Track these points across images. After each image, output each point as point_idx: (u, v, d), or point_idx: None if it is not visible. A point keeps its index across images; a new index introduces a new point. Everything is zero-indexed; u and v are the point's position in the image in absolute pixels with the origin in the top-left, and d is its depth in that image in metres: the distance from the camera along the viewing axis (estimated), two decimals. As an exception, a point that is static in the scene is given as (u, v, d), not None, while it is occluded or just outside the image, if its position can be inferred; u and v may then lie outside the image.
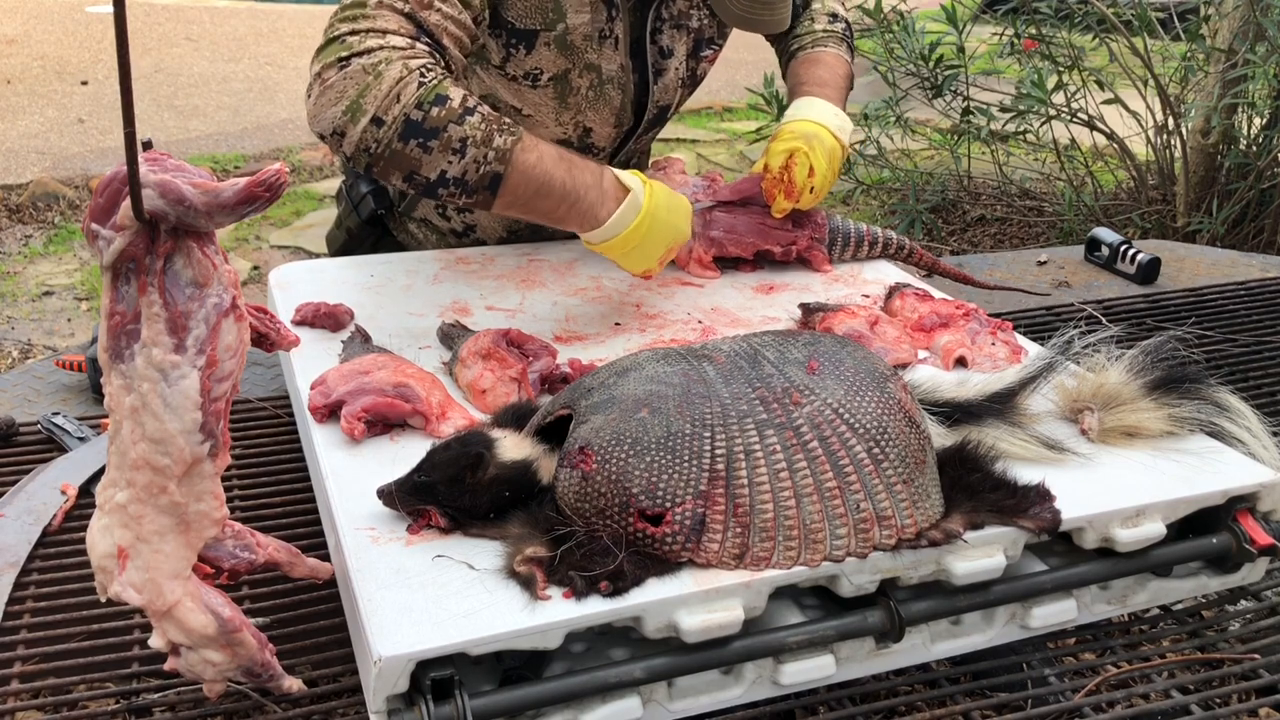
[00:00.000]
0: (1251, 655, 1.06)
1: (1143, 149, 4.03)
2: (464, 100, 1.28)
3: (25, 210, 4.72)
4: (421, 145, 1.26)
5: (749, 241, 1.58)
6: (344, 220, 1.84)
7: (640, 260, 1.39)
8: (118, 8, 0.66)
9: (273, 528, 1.16)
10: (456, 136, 1.26)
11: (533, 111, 1.56)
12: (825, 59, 1.73)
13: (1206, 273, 2.02)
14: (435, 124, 1.26)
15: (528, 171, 1.29)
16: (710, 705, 0.93)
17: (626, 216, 1.33)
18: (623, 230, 1.34)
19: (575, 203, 1.32)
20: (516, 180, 1.29)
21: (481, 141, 1.27)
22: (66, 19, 8.35)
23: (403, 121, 1.25)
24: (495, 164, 1.28)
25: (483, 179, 1.28)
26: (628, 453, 0.90)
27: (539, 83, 1.53)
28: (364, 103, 1.25)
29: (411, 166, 1.28)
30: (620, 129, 1.64)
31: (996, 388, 1.14)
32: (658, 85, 1.63)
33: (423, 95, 1.26)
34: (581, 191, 1.32)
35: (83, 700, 0.97)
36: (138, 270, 0.76)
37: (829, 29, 1.78)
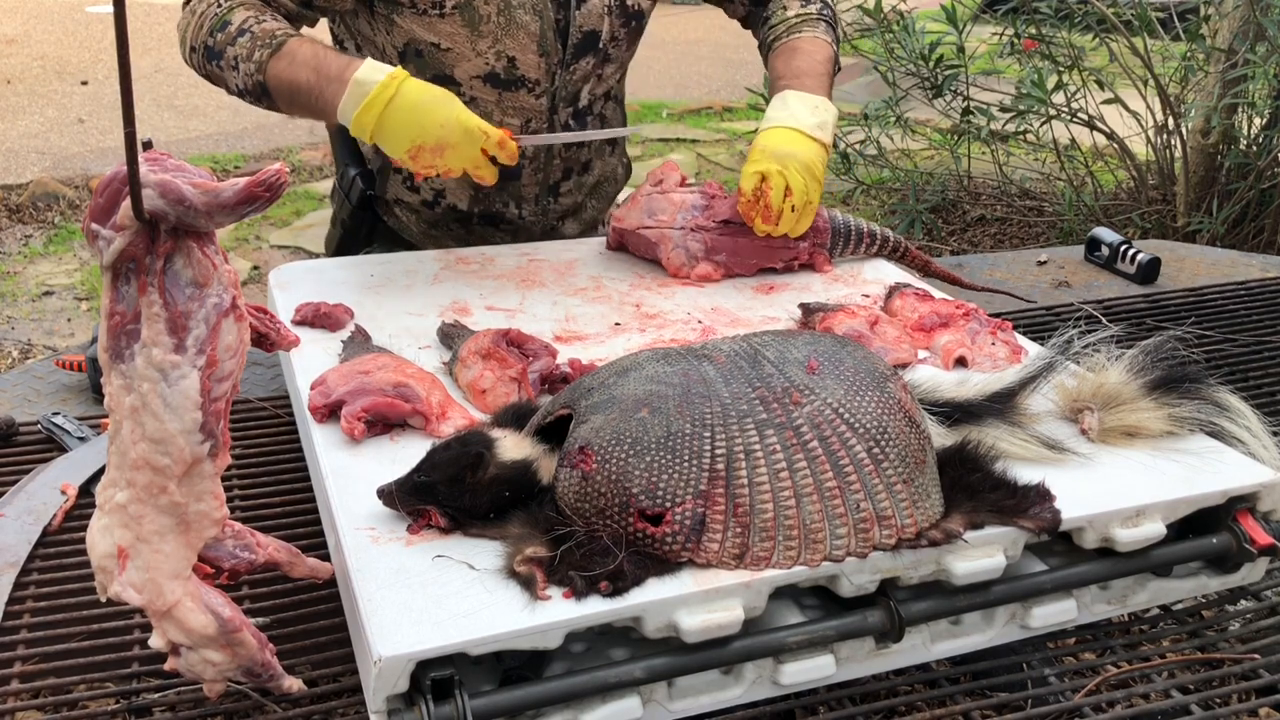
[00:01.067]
0: (1251, 655, 1.06)
1: (1143, 149, 4.03)
2: (241, 24, 1.51)
3: (25, 210, 4.72)
4: (217, 65, 1.54)
5: (752, 262, 1.57)
6: (338, 215, 1.86)
7: (389, 149, 1.47)
8: (118, 8, 0.66)
9: (273, 528, 1.16)
10: (231, 56, 1.52)
11: (450, 45, 1.62)
12: (802, 46, 1.70)
13: (1206, 273, 2.01)
14: (220, 47, 1.52)
15: (280, 75, 1.49)
16: (710, 705, 0.93)
17: (350, 104, 1.45)
18: (349, 117, 1.46)
19: (319, 95, 1.47)
20: (275, 85, 1.50)
21: (246, 57, 1.50)
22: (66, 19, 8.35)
23: (203, 48, 1.54)
24: (257, 75, 1.51)
25: (256, 88, 1.52)
26: (628, 453, 0.90)
27: (445, 11, 1.59)
28: (186, 35, 1.56)
29: (219, 82, 1.56)
30: (548, 59, 1.64)
31: (996, 388, 1.14)
32: (580, 10, 1.64)
33: (213, 24, 1.52)
34: (323, 86, 1.47)
35: (83, 700, 0.97)
36: (138, 270, 0.76)
37: (802, 12, 1.74)
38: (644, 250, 1.59)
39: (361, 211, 1.80)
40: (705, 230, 1.56)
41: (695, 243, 1.55)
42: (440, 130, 1.44)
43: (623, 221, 1.59)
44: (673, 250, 1.55)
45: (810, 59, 1.67)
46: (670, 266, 1.56)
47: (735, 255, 1.56)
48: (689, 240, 1.55)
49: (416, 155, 1.45)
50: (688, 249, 1.55)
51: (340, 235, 1.85)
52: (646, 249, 1.58)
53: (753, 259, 1.57)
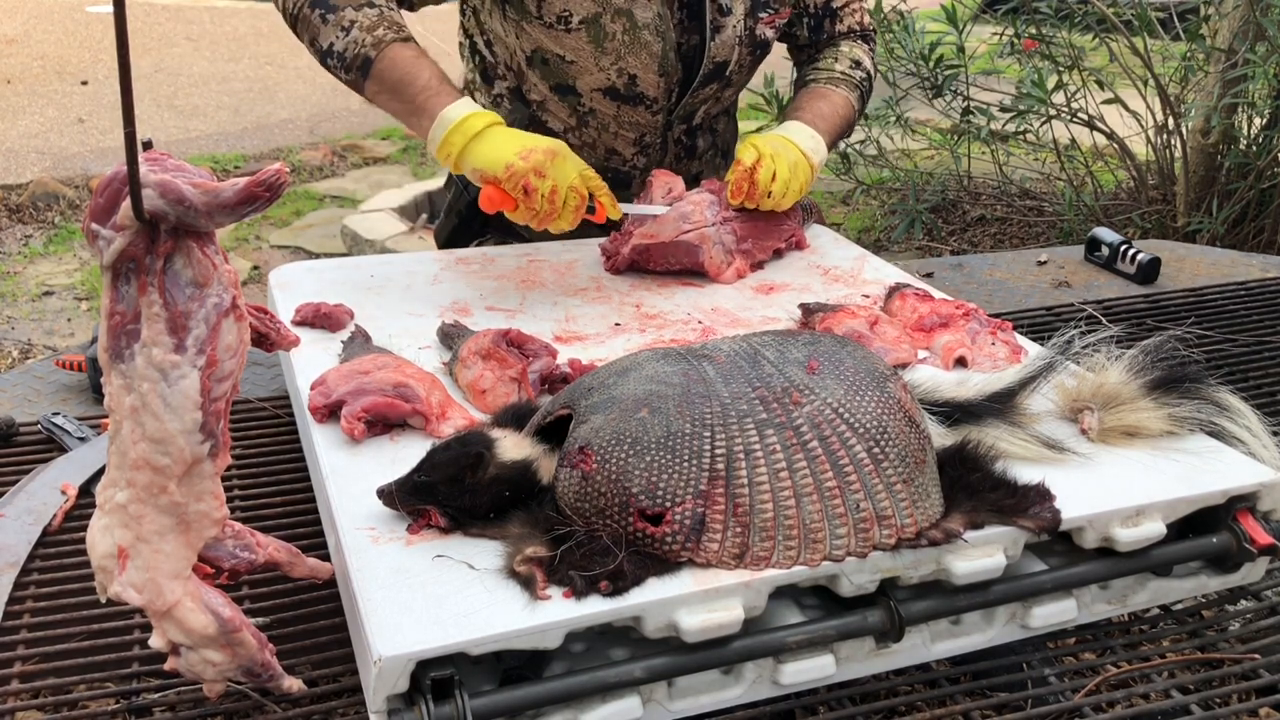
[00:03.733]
0: (1251, 655, 1.06)
1: (1143, 149, 4.03)
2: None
3: (25, 210, 4.72)
4: (322, 16, 1.51)
5: (768, 244, 1.63)
6: (454, 205, 1.87)
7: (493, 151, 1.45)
8: (118, 8, 0.66)
9: (273, 528, 1.16)
10: (348, 18, 1.50)
11: (575, 58, 1.64)
12: (831, 97, 1.79)
13: (1206, 273, 2.02)
14: (338, 2, 1.50)
15: (397, 61, 1.49)
16: (710, 705, 0.93)
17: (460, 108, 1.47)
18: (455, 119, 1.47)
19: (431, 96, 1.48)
20: (385, 66, 1.49)
21: (367, 29, 1.49)
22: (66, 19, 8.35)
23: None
24: (369, 49, 1.49)
25: (356, 59, 1.50)
26: (628, 452, 0.90)
27: (571, 26, 1.61)
28: None
29: (313, 32, 1.52)
30: (669, 79, 1.68)
31: (996, 388, 1.14)
32: (715, 41, 1.68)
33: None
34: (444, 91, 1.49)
35: (83, 700, 0.97)
36: (138, 270, 0.76)
37: (847, 74, 1.83)
38: (678, 258, 1.55)
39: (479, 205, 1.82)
40: (731, 220, 1.59)
41: (728, 235, 1.58)
42: (549, 142, 1.46)
43: (656, 236, 1.55)
44: (713, 248, 1.56)
45: (833, 109, 1.77)
46: (712, 267, 1.56)
47: (756, 240, 1.62)
48: (723, 235, 1.58)
49: (528, 155, 1.43)
50: (723, 244, 1.58)
51: (455, 225, 1.87)
52: (684, 256, 1.55)
53: (768, 241, 1.63)
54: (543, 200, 1.43)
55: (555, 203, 1.44)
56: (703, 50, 1.68)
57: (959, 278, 1.97)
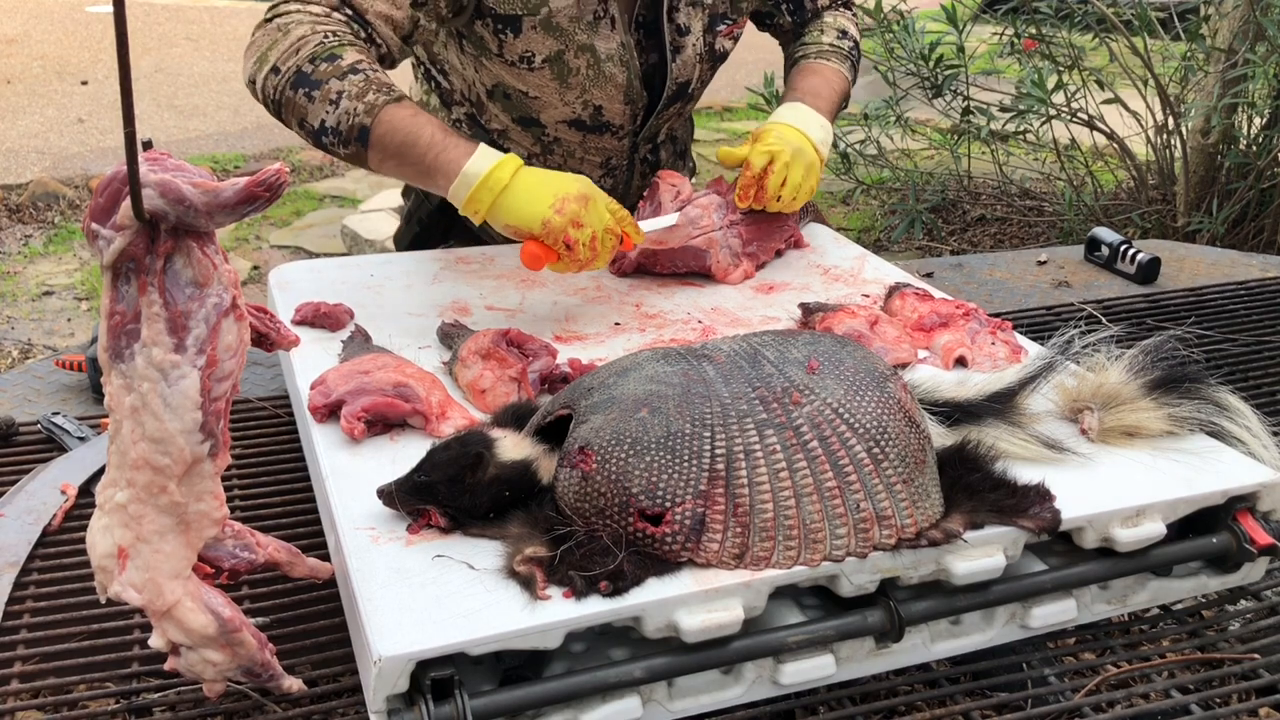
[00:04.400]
0: (1251, 655, 1.06)
1: (1143, 149, 4.03)
2: (354, 62, 1.40)
3: (25, 210, 4.72)
4: (307, 95, 1.40)
5: (771, 246, 1.64)
6: (415, 213, 1.86)
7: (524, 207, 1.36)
8: (118, 8, 0.66)
9: (273, 528, 1.16)
10: (335, 90, 1.39)
11: (539, 94, 1.62)
12: (824, 71, 1.77)
13: (1206, 273, 2.01)
14: (320, 77, 1.39)
15: (395, 124, 1.39)
16: (710, 705, 0.93)
17: (482, 162, 1.37)
18: (480, 173, 1.37)
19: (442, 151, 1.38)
20: (383, 132, 1.39)
21: (356, 96, 1.39)
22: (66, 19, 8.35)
23: (294, 72, 1.40)
24: (364, 116, 1.38)
25: (352, 130, 1.39)
26: (628, 453, 0.90)
27: (534, 65, 1.58)
28: (269, 54, 1.42)
29: (300, 114, 1.41)
30: (634, 105, 1.67)
31: (996, 388, 1.14)
32: (676, 62, 1.66)
33: (317, 52, 1.40)
34: (451, 146, 1.39)
35: (83, 700, 0.97)
36: (138, 270, 0.76)
37: (835, 44, 1.81)
38: (685, 262, 1.56)
39: (441, 212, 1.81)
40: (737, 224, 1.60)
41: (734, 238, 1.58)
42: (576, 183, 1.38)
43: (665, 242, 1.54)
44: (721, 252, 1.56)
45: (829, 85, 1.75)
46: (719, 270, 1.56)
47: (760, 242, 1.62)
48: (730, 239, 1.58)
49: (562, 207, 1.34)
50: (730, 247, 1.58)
51: (416, 232, 1.85)
52: (692, 260, 1.55)
53: (771, 242, 1.63)
54: (584, 249, 1.37)
55: (596, 249, 1.38)
56: (664, 71, 1.66)
57: (959, 278, 1.97)
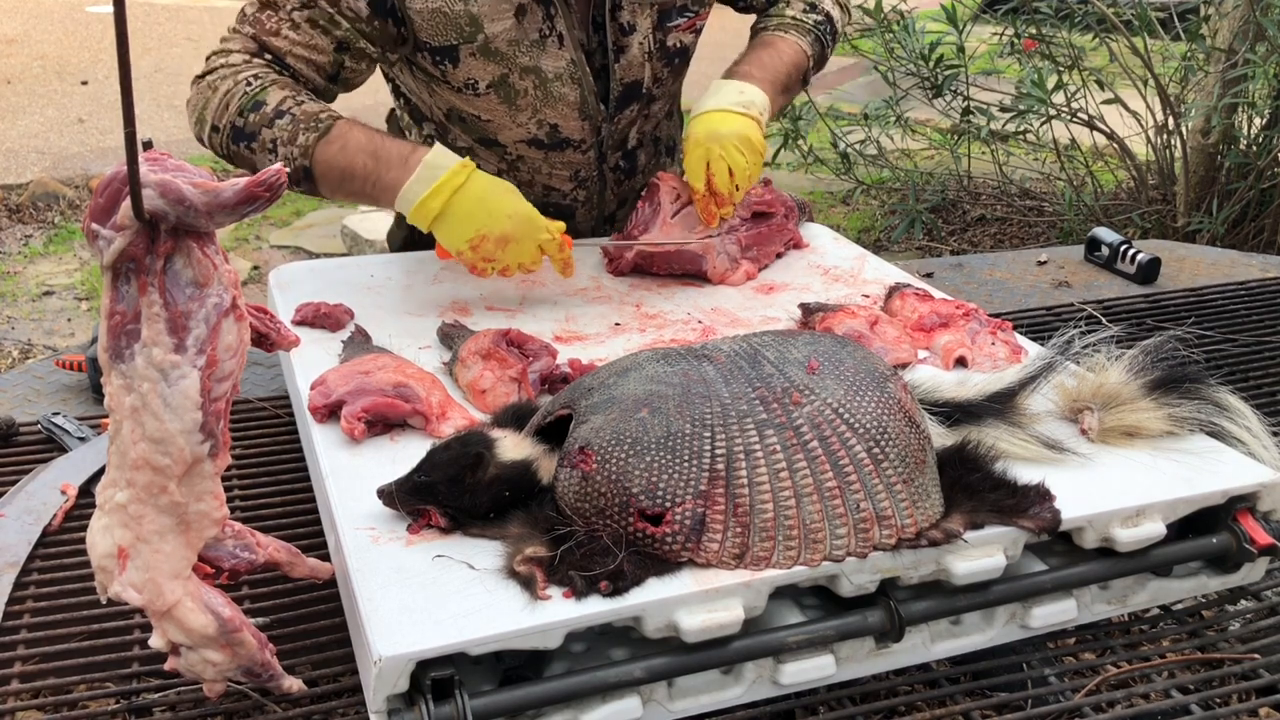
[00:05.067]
0: (1251, 655, 1.06)
1: (1143, 149, 4.03)
2: (279, 104, 1.43)
3: (25, 210, 4.72)
4: (248, 147, 1.44)
5: (771, 249, 1.63)
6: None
7: (448, 238, 1.42)
8: (118, 8, 0.66)
9: (273, 528, 1.16)
10: (268, 139, 1.43)
11: (491, 117, 1.60)
12: (777, 44, 1.70)
13: (1206, 273, 2.01)
14: (253, 128, 1.43)
15: (330, 162, 1.42)
16: (710, 705, 0.93)
17: (417, 188, 1.40)
18: (413, 202, 1.40)
19: (377, 182, 1.42)
20: (322, 170, 1.43)
21: (288, 141, 1.42)
22: (66, 19, 8.35)
23: (230, 128, 1.44)
24: (301, 159, 1.42)
25: (297, 172, 1.43)
26: (628, 453, 0.90)
27: (479, 91, 1.56)
28: (205, 113, 1.46)
29: (250, 164, 1.45)
30: (592, 120, 1.63)
31: (996, 388, 1.14)
32: (619, 63, 1.61)
33: (243, 103, 1.43)
34: (383, 172, 1.42)
35: (83, 700, 0.97)
36: (138, 270, 0.76)
37: (798, 19, 1.74)
38: (681, 265, 1.56)
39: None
40: (736, 230, 1.59)
41: (732, 244, 1.58)
42: (508, 221, 1.40)
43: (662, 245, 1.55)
44: (718, 257, 1.56)
45: (776, 57, 1.67)
46: (715, 274, 1.56)
47: (760, 247, 1.62)
48: (727, 244, 1.58)
49: (478, 245, 1.40)
50: (728, 252, 1.57)
51: (405, 236, 1.83)
52: (688, 264, 1.55)
53: (771, 246, 1.63)
54: (493, 274, 1.44)
55: (507, 276, 1.45)
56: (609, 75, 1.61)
57: (959, 278, 1.97)
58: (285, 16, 1.46)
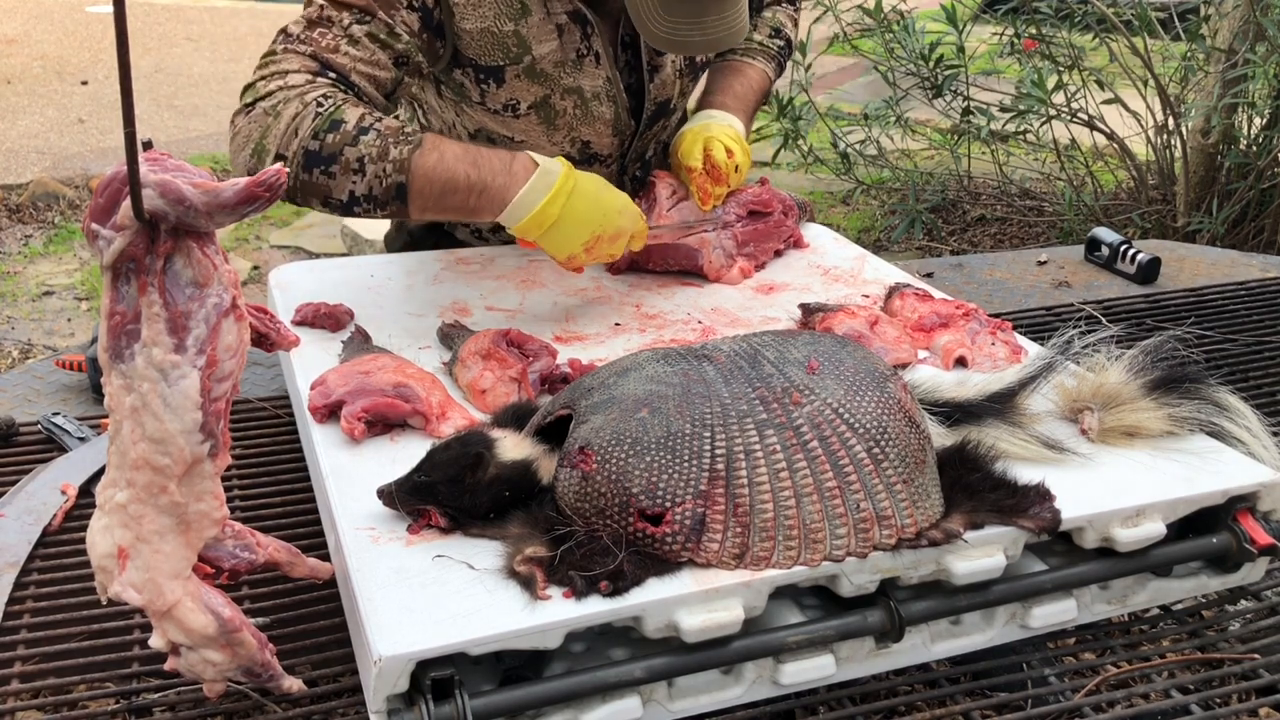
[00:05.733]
0: (1251, 655, 1.06)
1: (1143, 149, 4.03)
2: (359, 120, 1.32)
3: (25, 210, 4.72)
4: (325, 172, 1.31)
5: (768, 246, 1.64)
6: (405, 224, 1.84)
7: (562, 244, 1.37)
8: (118, 8, 0.66)
9: (273, 528, 1.16)
10: (354, 158, 1.31)
11: (524, 138, 1.57)
12: (745, 70, 1.76)
13: (1206, 273, 2.01)
14: (332, 150, 1.31)
15: (429, 174, 1.32)
16: (710, 705, 0.93)
17: (532, 196, 1.34)
18: (530, 211, 1.34)
19: (483, 191, 1.34)
20: (420, 185, 1.33)
21: (378, 157, 1.31)
22: (66, 19, 8.35)
23: (303, 154, 1.31)
24: (396, 175, 1.32)
25: (388, 191, 1.32)
26: (628, 453, 0.90)
27: (519, 113, 1.54)
28: (266, 143, 1.32)
29: (323, 193, 1.33)
30: (622, 136, 1.63)
31: (996, 388, 1.14)
32: (654, 82, 1.62)
33: (318, 125, 1.31)
34: (489, 179, 1.34)
35: (83, 700, 0.97)
36: (138, 270, 0.76)
37: (764, 43, 1.79)
38: (677, 261, 1.56)
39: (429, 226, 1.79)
40: (731, 226, 1.60)
41: (728, 240, 1.59)
42: (620, 218, 1.39)
43: (659, 237, 1.55)
44: (713, 253, 1.56)
45: (746, 85, 1.74)
46: (711, 271, 1.56)
47: (757, 244, 1.62)
48: (723, 240, 1.58)
49: (593, 247, 1.37)
50: (724, 248, 1.58)
51: (405, 240, 1.83)
52: (684, 259, 1.56)
53: (768, 243, 1.64)
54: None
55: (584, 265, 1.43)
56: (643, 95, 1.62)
57: (959, 278, 1.97)
58: (342, 33, 1.37)
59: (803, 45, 3.76)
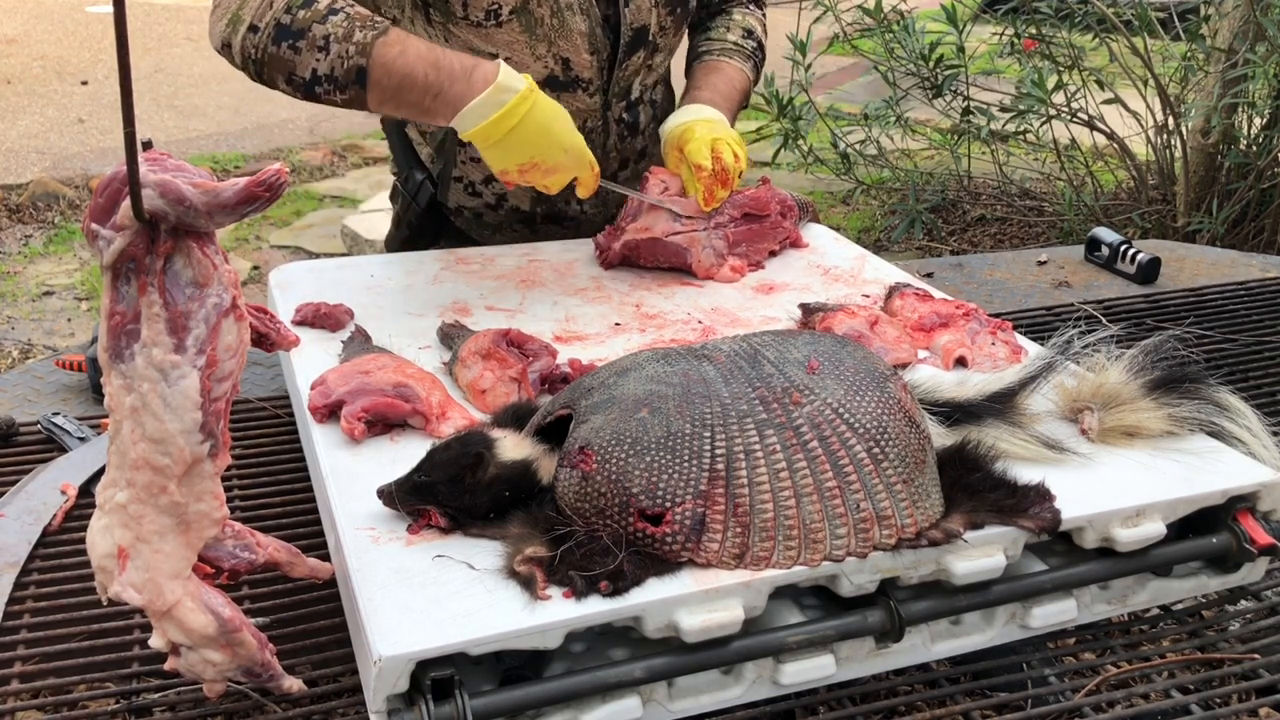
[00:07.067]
0: (1251, 655, 1.06)
1: (1143, 149, 4.03)
2: (331, 3, 1.38)
3: (25, 210, 4.72)
4: (292, 46, 1.37)
5: (762, 246, 1.64)
6: (404, 216, 1.85)
7: (498, 158, 1.40)
8: (118, 8, 0.66)
9: (273, 528, 1.16)
10: (320, 34, 1.36)
11: (509, 53, 1.59)
12: (728, 70, 1.77)
13: (1206, 273, 2.01)
14: (301, 25, 1.36)
15: (389, 65, 1.36)
16: (710, 705, 0.93)
17: (484, 109, 1.37)
18: (479, 123, 1.37)
19: (439, 94, 1.37)
20: (379, 74, 1.36)
21: (343, 37, 1.36)
22: (66, 19, 8.35)
23: (274, 26, 1.37)
24: (358, 57, 1.36)
25: (349, 73, 1.37)
26: (628, 452, 0.90)
27: (502, 20, 1.56)
28: (242, 13, 1.38)
29: (288, 68, 1.38)
30: (599, 56, 1.65)
31: (996, 388, 1.14)
32: (630, 6, 1.63)
33: (291, 1, 1.36)
34: (446, 84, 1.37)
35: (83, 700, 0.97)
36: (138, 270, 0.76)
37: (739, 44, 1.81)
38: (666, 257, 1.57)
39: (429, 214, 1.81)
40: (724, 226, 1.60)
41: (719, 240, 1.59)
42: (562, 155, 1.42)
43: (649, 230, 1.56)
44: (702, 251, 1.57)
45: (730, 85, 1.76)
46: (700, 269, 1.57)
47: (750, 244, 1.62)
48: (713, 239, 1.58)
49: (527, 170, 1.42)
50: (713, 248, 1.58)
51: (406, 235, 1.84)
52: (672, 256, 1.57)
53: (763, 244, 1.64)
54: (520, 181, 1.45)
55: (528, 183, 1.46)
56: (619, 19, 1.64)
57: (959, 278, 1.97)
58: None
59: (803, 45, 3.77)
